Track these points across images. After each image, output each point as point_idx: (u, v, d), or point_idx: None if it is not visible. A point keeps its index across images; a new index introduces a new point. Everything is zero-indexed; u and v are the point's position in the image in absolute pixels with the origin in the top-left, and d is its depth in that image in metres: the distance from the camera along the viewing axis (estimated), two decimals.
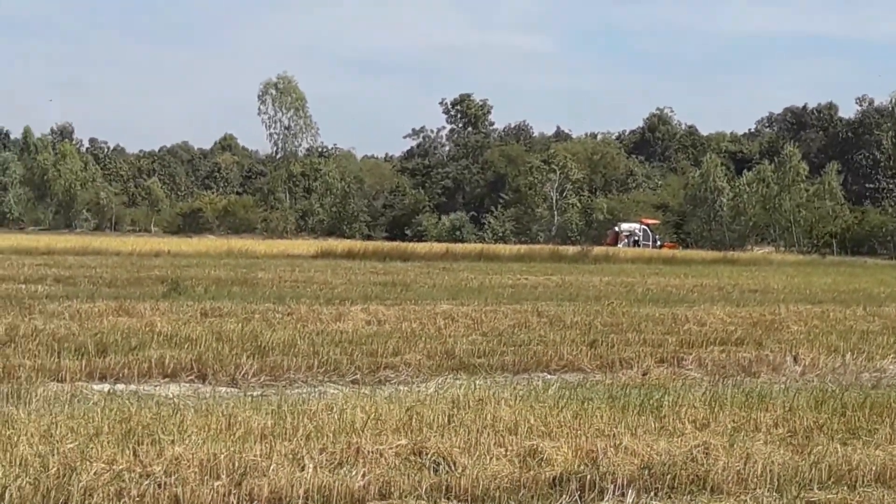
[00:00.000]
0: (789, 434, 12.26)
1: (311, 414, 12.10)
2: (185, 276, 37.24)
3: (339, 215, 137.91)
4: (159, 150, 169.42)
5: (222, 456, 10.14)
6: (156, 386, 16.25)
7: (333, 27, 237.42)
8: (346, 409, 12.30)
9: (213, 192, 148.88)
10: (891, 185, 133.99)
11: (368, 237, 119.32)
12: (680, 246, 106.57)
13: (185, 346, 18.73)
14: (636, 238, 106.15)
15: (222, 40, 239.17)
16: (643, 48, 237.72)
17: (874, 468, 10.91)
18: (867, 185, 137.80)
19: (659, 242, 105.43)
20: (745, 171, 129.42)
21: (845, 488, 10.48)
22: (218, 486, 9.63)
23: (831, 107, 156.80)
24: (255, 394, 14.93)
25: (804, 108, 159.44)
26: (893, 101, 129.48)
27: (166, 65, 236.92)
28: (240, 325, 21.80)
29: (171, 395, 14.61)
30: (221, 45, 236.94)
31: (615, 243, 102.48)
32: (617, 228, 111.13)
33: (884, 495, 10.31)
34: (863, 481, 10.73)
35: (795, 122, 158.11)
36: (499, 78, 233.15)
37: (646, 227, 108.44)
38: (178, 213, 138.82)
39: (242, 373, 16.96)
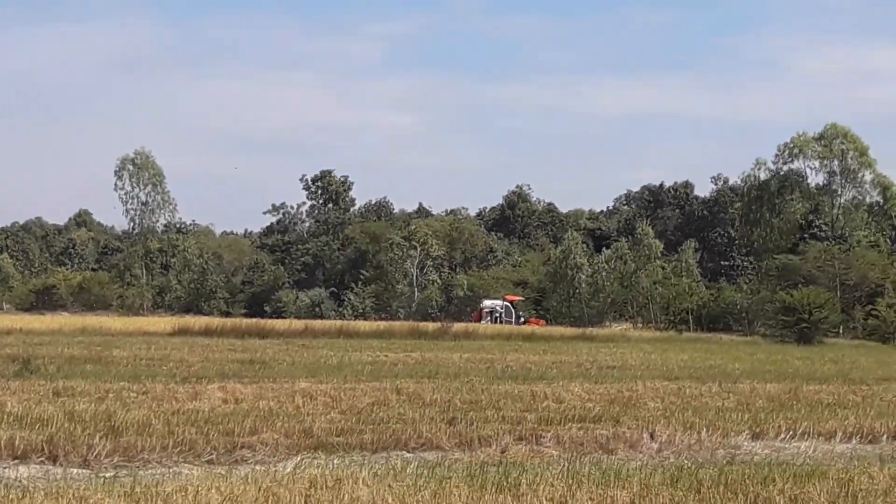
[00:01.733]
0: None
1: (164, 496, 11.91)
2: (37, 354, 36.58)
3: (196, 292, 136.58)
4: (11, 226, 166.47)
5: None
6: (4, 468, 15.87)
7: (195, 104, 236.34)
8: (200, 490, 12.14)
9: (67, 269, 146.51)
10: (745, 263, 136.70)
11: (227, 314, 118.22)
12: (544, 322, 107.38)
13: (36, 427, 18.36)
14: (498, 315, 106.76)
15: (78, 114, 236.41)
16: (508, 127, 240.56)
17: None
18: (722, 263, 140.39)
19: (523, 319, 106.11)
20: (603, 248, 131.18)
21: None
22: None
23: (687, 185, 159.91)
24: (107, 475, 14.67)
25: (661, 186, 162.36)
26: (744, 181, 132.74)
27: (18, 138, 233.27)
28: (93, 404, 21.43)
29: (20, 478, 14.29)
30: (77, 118, 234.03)
31: (479, 319, 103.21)
32: (481, 305, 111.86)
33: None
34: None
35: (652, 200, 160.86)
36: (363, 156, 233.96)
37: (508, 304, 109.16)
38: (31, 290, 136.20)
39: (95, 454, 16.63)
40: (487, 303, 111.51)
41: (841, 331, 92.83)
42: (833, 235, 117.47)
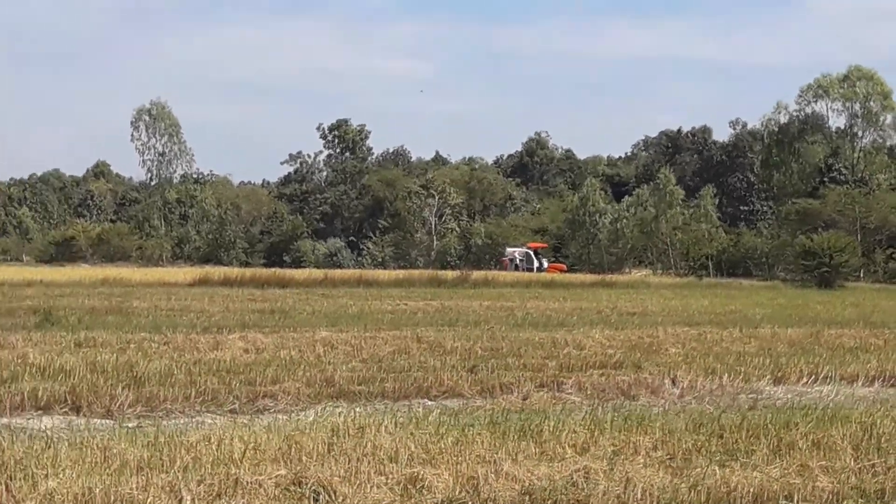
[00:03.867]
0: (668, 457, 12.38)
1: (188, 445, 11.97)
2: (58, 306, 36.70)
3: (215, 242, 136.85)
4: (30, 178, 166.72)
5: (97, 490, 9.98)
6: (28, 419, 15.97)
7: (209, 52, 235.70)
8: (224, 439, 12.19)
9: (86, 221, 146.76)
10: (764, 208, 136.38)
11: (246, 264, 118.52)
12: (564, 266, 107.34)
13: (59, 378, 18.46)
14: (518, 262, 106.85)
15: (94, 66, 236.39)
16: (522, 72, 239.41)
17: (752, 490, 11.04)
18: (741, 208, 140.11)
19: (545, 265, 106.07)
20: (624, 195, 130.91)
21: None
22: None
23: (705, 130, 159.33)
24: (130, 425, 14.76)
25: (679, 131, 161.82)
26: (764, 124, 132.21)
27: (35, 91, 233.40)
28: (115, 355, 21.52)
29: (44, 429, 14.38)
30: (93, 70, 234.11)
31: (507, 267, 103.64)
32: (505, 253, 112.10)
33: None
34: (741, 503, 10.87)
35: (671, 146, 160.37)
36: (377, 103, 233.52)
37: (529, 251, 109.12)
38: (51, 242, 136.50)
39: (118, 404, 16.73)
40: (510, 250, 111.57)
41: (862, 274, 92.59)
42: (853, 179, 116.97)
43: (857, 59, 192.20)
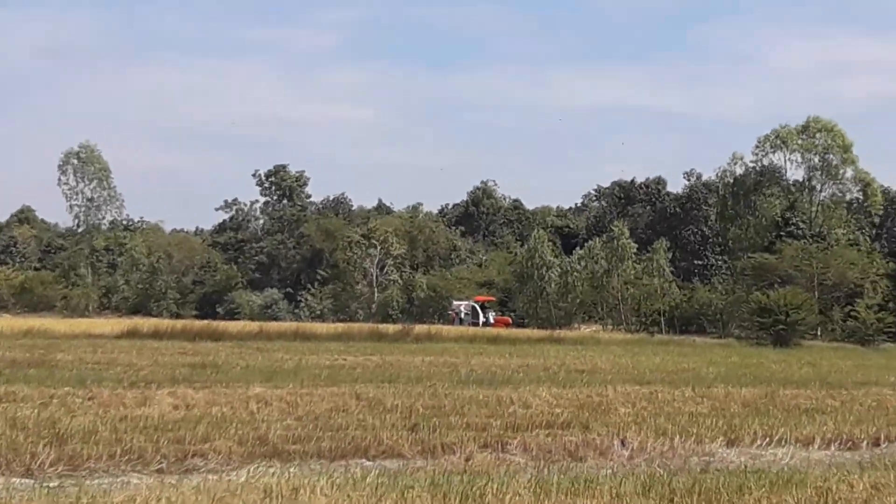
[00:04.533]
0: None
1: None
2: None
3: (145, 292, 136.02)
4: None
5: None
6: None
7: (142, 94, 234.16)
8: (149, 500, 12.11)
9: (8, 268, 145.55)
10: (719, 262, 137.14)
11: (177, 315, 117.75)
12: (511, 321, 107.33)
13: None
14: (461, 316, 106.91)
15: (17, 107, 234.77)
16: (472, 120, 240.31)
17: None
18: (695, 262, 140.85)
19: (491, 319, 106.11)
20: (574, 247, 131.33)
21: None
22: None
23: (659, 181, 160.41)
24: (52, 485, 14.62)
25: (632, 182, 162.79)
26: (719, 176, 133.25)
27: None
28: (36, 410, 21.34)
29: None
30: (16, 110, 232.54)
31: (455, 321, 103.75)
32: (451, 306, 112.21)
33: None
34: None
35: (623, 197, 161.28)
36: (317, 150, 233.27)
37: (474, 305, 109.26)
38: None
39: (38, 463, 16.56)
40: (456, 303, 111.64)
41: (819, 333, 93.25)
42: (811, 234, 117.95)
43: (816, 111, 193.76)
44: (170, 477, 15.66)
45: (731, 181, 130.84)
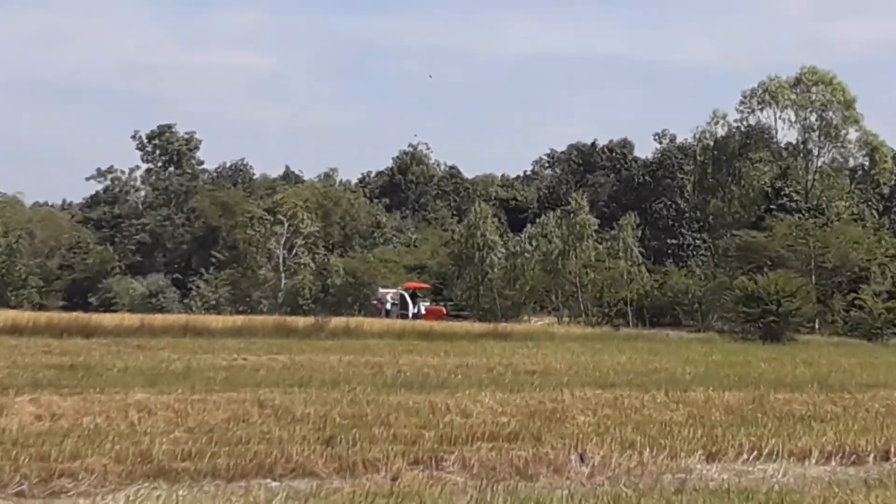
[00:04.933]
0: None
1: None
2: None
3: (1, 279, 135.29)
4: None
5: None
6: None
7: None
8: None
9: None
10: (697, 241, 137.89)
11: (41, 307, 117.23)
12: (446, 315, 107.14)
13: None
14: (387, 307, 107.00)
15: None
16: (396, 71, 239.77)
17: None
18: (669, 241, 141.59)
19: (422, 310, 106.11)
20: (523, 224, 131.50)
21: None
22: None
23: (625, 144, 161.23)
24: None
25: (593, 145, 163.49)
26: (697, 138, 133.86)
27: None
28: None
29: None
30: None
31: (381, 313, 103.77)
32: (377, 294, 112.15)
33: None
34: None
35: (582, 163, 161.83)
36: (211, 108, 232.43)
37: (403, 293, 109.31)
38: None
39: None
40: (382, 291, 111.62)
41: (816, 325, 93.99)
42: (807, 207, 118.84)
43: (811, 60, 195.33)
44: (32, 501, 15.58)
45: (712, 144, 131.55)
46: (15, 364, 38.55)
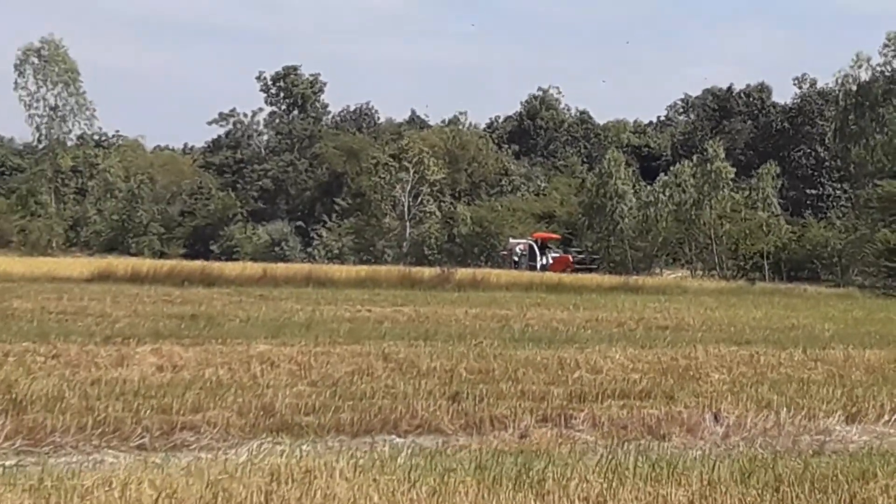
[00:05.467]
0: None
1: (82, 491, 11.94)
2: None
3: (122, 225, 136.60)
4: None
5: None
6: None
7: None
8: (129, 484, 12.16)
9: None
10: (837, 191, 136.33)
11: (162, 254, 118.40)
12: (572, 263, 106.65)
13: None
14: (515, 258, 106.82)
15: None
16: (526, 9, 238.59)
17: None
18: (808, 192, 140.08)
19: (549, 261, 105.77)
20: (657, 173, 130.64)
21: None
22: None
23: (763, 89, 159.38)
24: (8, 464, 14.71)
25: (729, 90, 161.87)
26: (840, 81, 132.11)
27: None
28: None
29: None
30: None
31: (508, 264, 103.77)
32: (507, 245, 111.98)
33: None
34: None
35: (718, 109, 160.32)
36: (335, 47, 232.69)
37: (532, 244, 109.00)
38: None
39: None
40: (513, 241, 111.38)
41: None
42: None
43: None
44: (153, 454, 15.73)
45: (855, 89, 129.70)
46: (136, 313, 38.97)
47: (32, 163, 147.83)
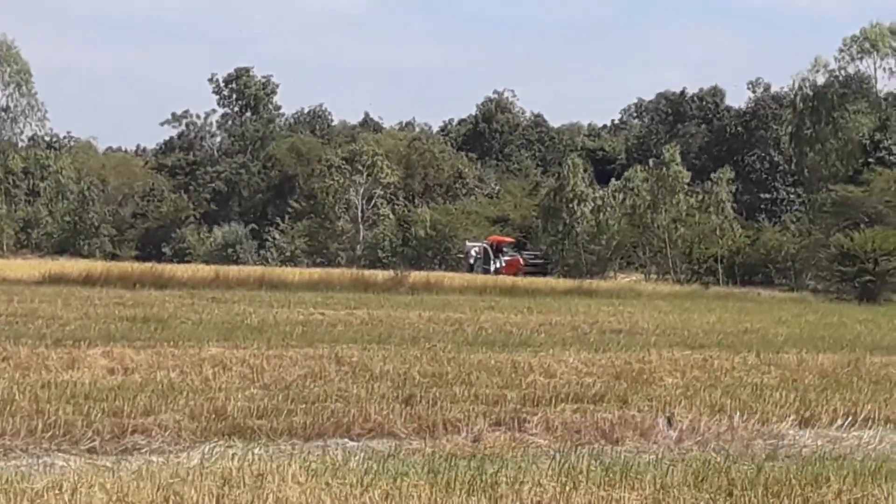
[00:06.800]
0: None
1: (32, 494, 11.92)
2: None
3: (74, 227, 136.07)
4: None
5: None
6: None
7: None
8: (79, 487, 12.14)
9: None
10: (791, 196, 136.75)
11: (113, 256, 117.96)
12: (523, 266, 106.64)
13: None
14: (471, 261, 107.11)
15: None
16: (480, 13, 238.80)
17: None
18: (762, 196, 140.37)
19: (502, 264, 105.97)
20: (610, 176, 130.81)
21: None
22: None
23: (716, 93, 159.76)
24: None
25: (682, 94, 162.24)
26: (796, 86, 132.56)
27: None
28: None
29: None
30: None
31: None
32: (464, 248, 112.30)
33: None
34: None
35: (671, 112, 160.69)
36: (289, 49, 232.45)
37: (486, 247, 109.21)
38: None
39: None
40: (470, 245, 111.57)
41: None
42: None
43: None
44: (104, 458, 15.72)
45: (811, 94, 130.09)
46: (87, 315, 38.87)
47: None
